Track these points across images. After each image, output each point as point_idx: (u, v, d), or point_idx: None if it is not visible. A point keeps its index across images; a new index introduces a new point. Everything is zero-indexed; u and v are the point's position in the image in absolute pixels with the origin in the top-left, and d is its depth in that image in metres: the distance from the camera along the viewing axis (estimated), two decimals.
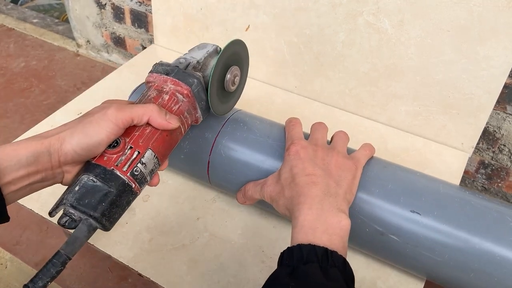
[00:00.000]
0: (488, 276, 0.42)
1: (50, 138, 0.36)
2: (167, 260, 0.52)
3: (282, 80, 0.78)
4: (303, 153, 0.44)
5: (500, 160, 0.85)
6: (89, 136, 0.36)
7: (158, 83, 0.44)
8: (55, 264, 0.34)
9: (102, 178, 0.37)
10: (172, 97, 0.43)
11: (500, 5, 0.56)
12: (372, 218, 0.45)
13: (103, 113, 0.37)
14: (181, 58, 0.47)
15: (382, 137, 0.69)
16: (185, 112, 0.44)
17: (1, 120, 1.24)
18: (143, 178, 0.40)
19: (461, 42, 0.60)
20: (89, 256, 0.94)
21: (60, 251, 0.35)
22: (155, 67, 0.46)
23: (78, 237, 0.35)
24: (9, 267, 0.92)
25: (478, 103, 0.63)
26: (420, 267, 0.46)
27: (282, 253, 0.37)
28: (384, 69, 0.67)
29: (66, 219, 0.36)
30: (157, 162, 0.41)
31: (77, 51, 1.48)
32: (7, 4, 1.74)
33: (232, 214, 0.57)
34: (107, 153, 0.38)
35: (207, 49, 0.48)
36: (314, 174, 0.41)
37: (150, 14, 1.13)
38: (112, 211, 0.37)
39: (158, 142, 0.41)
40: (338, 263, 0.35)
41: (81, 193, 0.36)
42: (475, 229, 0.42)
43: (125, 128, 0.38)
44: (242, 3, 0.74)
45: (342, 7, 0.66)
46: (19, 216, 1.02)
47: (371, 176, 0.46)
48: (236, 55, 0.50)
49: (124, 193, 0.38)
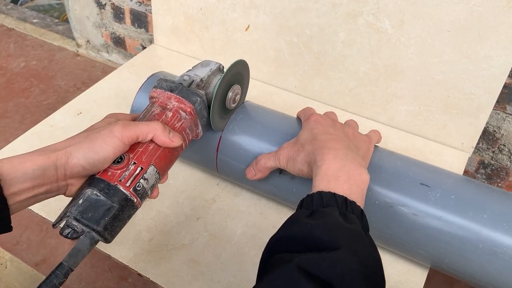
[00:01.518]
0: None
1: (58, 152, 0.37)
2: (167, 260, 0.52)
3: (282, 80, 0.78)
4: (323, 121, 0.47)
5: (500, 160, 0.85)
6: (95, 152, 0.37)
7: (162, 100, 0.45)
8: (58, 275, 0.35)
9: (105, 193, 0.38)
10: (176, 115, 0.44)
11: (500, 5, 0.56)
12: (382, 190, 0.46)
13: (110, 130, 0.38)
14: (185, 75, 0.48)
15: (382, 137, 0.69)
16: (187, 129, 0.46)
17: (1, 120, 1.24)
18: (145, 193, 0.41)
19: (461, 42, 0.60)
20: (89, 256, 0.93)
21: (63, 263, 0.36)
22: (159, 83, 0.46)
23: (81, 250, 0.36)
24: (9, 267, 0.92)
25: (478, 103, 0.63)
26: (427, 244, 0.46)
27: (302, 199, 0.38)
28: (384, 69, 0.67)
29: (69, 230, 0.37)
30: (158, 176, 0.42)
31: (77, 51, 1.48)
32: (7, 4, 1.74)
33: (232, 214, 0.57)
34: (111, 168, 0.39)
35: (211, 67, 0.50)
36: (335, 134, 0.44)
37: (150, 14, 1.13)
38: (114, 225, 0.38)
39: (161, 158, 0.42)
40: (356, 211, 0.36)
41: (85, 207, 0.37)
42: (480, 206, 0.44)
43: (130, 145, 0.40)
44: (242, 3, 0.74)
45: (342, 7, 0.66)
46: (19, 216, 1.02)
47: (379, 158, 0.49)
48: (238, 74, 0.51)
49: (126, 207, 0.39)
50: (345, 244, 0.32)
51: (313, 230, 0.33)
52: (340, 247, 0.32)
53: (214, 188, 0.61)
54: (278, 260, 0.33)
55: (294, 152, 0.45)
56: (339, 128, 0.47)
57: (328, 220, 0.34)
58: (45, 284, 0.34)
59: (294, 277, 0.29)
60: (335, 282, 0.30)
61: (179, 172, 0.62)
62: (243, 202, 0.59)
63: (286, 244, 0.34)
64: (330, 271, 0.30)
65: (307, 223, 0.34)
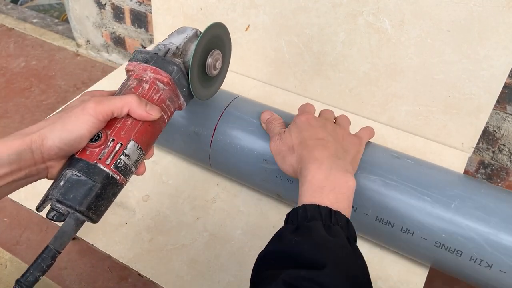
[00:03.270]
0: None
1: (32, 135, 0.36)
2: (167, 260, 0.52)
3: (282, 80, 0.78)
4: (313, 122, 0.46)
5: (500, 160, 0.85)
6: (69, 131, 0.36)
7: (137, 72, 0.43)
8: (45, 258, 0.35)
9: (85, 172, 0.37)
10: (153, 86, 0.43)
11: (500, 5, 0.56)
12: (379, 188, 0.47)
13: (82, 107, 0.37)
14: (160, 45, 0.46)
15: (382, 137, 0.69)
16: (167, 100, 0.44)
17: (1, 120, 1.24)
18: (128, 170, 0.39)
19: (461, 42, 0.60)
20: (89, 256, 0.94)
21: (49, 246, 0.35)
22: (135, 55, 0.45)
23: (66, 231, 0.36)
24: (9, 267, 0.92)
25: (478, 103, 0.63)
26: (427, 244, 0.46)
27: (288, 213, 0.38)
28: (384, 69, 0.67)
29: (54, 213, 0.37)
30: (141, 152, 0.41)
31: (77, 51, 1.48)
32: (7, 4, 1.74)
33: (232, 214, 0.57)
34: (89, 147, 0.38)
35: (187, 33, 0.47)
36: (324, 139, 0.43)
37: (150, 14, 1.13)
38: (98, 204, 0.37)
39: (141, 132, 0.40)
40: (341, 222, 0.36)
41: (66, 188, 0.36)
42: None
43: (105, 121, 0.38)
44: (242, 3, 0.74)
45: (342, 7, 0.66)
46: (19, 216, 1.02)
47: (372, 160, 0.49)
48: (218, 38, 0.48)
49: (108, 185, 0.38)
50: (330, 260, 0.32)
51: (298, 246, 0.34)
52: (326, 264, 0.32)
53: (214, 188, 0.61)
54: (266, 277, 0.33)
55: (284, 151, 0.45)
56: (330, 130, 0.46)
57: (312, 236, 0.34)
58: (32, 268, 0.34)
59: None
60: None
61: (179, 172, 0.62)
62: (243, 202, 0.59)
63: (273, 260, 0.35)
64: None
65: (291, 239, 0.34)
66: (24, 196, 0.56)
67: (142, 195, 0.59)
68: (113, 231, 0.54)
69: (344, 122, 0.50)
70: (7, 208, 1.04)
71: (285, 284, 0.30)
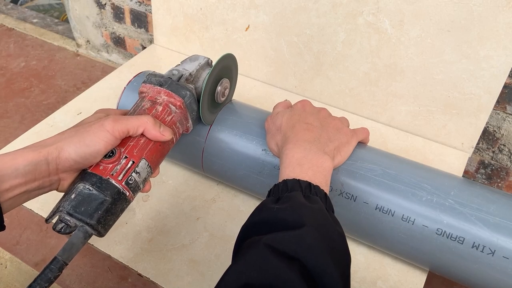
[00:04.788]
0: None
1: (49, 147, 0.37)
2: (167, 260, 0.52)
3: (282, 80, 0.78)
4: (308, 108, 0.49)
5: (500, 160, 0.85)
6: (87, 146, 0.38)
7: (151, 94, 0.45)
8: (53, 269, 0.35)
9: (98, 187, 0.38)
10: (166, 108, 0.45)
11: (500, 5, 0.56)
12: (375, 191, 0.47)
13: (101, 124, 0.39)
14: (174, 70, 0.48)
15: (382, 137, 0.69)
16: (177, 123, 0.46)
17: (1, 120, 1.24)
18: (137, 186, 0.41)
19: (461, 42, 0.60)
20: (89, 256, 0.94)
21: (57, 257, 0.36)
22: (149, 78, 0.47)
23: (75, 244, 0.37)
24: (9, 267, 0.92)
25: (478, 103, 0.63)
26: (424, 248, 0.46)
27: (270, 189, 0.40)
28: (384, 69, 0.67)
29: (62, 225, 0.37)
30: (150, 170, 0.43)
31: (77, 51, 1.48)
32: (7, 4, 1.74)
33: (232, 214, 0.57)
34: (103, 162, 0.39)
35: (199, 61, 0.50)
36: (311, 124, 0.46)
37: (150, 14, 1.13)
38: (107, 219, 0.38)
39: (152, 152, 0.42)
40: (320, 194, 0.38)
41: (78, 201, 0.37)
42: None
43: (121, 139, 0.40)
44: (242, 3, 0.74)
45: (342, 7, 0.66)
46: (19, 216, 1.02)
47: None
48: (227, 68, 0.52)
49: (119, 201, 0.39)
50: (309, 221, 0.34)
51: (279, 213, 0.35)
52: (304, 224, 0.34)
53: (214, 188, 0.61)
54: (248, 242, 0.34)
55: (273, 130, 0.48)
56: (322, 118, 0.48)
57: (293, 203, 0.36)
58: (40, 279, 0.35)
59: (263, 254, 0.31)
60: (301, 256, 0.31)
61: (179, 172, 0.62)
62: (243, 202, 0.59)
63: (256, 229, 0.36)
64: (295, 247, 0.32)
65: (273, 207, 0.36)
66: None
67: (142, 195, 0.59)
68: (113, 231, 0.54)
69: (344, 118, 0.52)
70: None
71: (265, 247, 0.32)
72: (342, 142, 0.47)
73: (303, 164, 0.41)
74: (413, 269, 0.52)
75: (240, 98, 0.60)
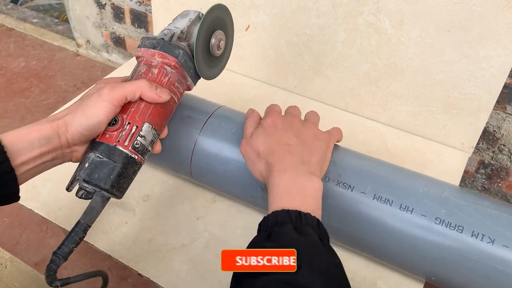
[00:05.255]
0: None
1: (58, 121, 0.39)
2: (167, 260, 0.52)
3: (282, 80, 0.78)
4: (280, 123, 0.45)
5: (500, 160, 0.85)
6: (89, 118, 0.39)
7: (146, 58, 0.46)
8: (77, 232, 0.39)
9: (107, 154, 0.40)
10: (161, 70, 0.45)
11: (500, 5, 0.56)
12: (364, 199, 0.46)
13: (98, 95, 0.40)
14: (165, 30, 0.48)
15: (382, 137, 0.69)
16: (176, 83, 0.46)
17: (1, 120, 1.24)
18: (145, 149, 0.43)
19: (461, 42, 0.60)
20: (89, 256, 0.94)
21: (81, 221, 0.40)
22: (143, 41, 0.47)
23: (94, 207, 0.40)
24: (9, 267, 0.92)
25: (478, 103, 0.63)
26: (418, 259, 0.45)
27: (260, 223, 0.39)
28: (384, 69, 0.67)
29: (82, 192, 0.41)
30: (155, 132, 0.44)
31: (77, 51, 1.48)
32: (7, 4, 1.74)
33: (232, 214, 0.57)
34: (108, 131, 0.41)
35: (190, 16, 0.49)
36: (289, 143, 0.43)
37: (150, 14, 1.13)
38: (120, 182, 0.41)
39: (154, 114, 0.43)
40: (311, 223, 0.37)
41: (91, 169, 0.40)
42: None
43: (120, 106, 0.41)
44: (242, 3, 0.74)
45: (342, 7, 0.66)
46: (19, 216, 1.02)
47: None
48: (220, 19, 0.50)
49: (128, 165, 0.41)
50: (304, 262, 0.32)
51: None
52: (300, 266, 0.32)
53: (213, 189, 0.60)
54: (244, 285, 0.34)
55: (252, 157, 0.45)
56: (296, 130, 0.45)
57: (284, 240, 0.35)
58: (67, 241, 0.39)
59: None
60: None
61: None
62: (243, 202, 0.59)
63: (249, 272, 0.35)
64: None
65: (264, 246, 0.35)
66: (24, 196, 0.56)
67: (142, 195, 0.59)
68: (113, 231, 0.54)
69: (313, 117, 0.49)
70: (7, 208, 1.03)
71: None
72: (323, 150, 0.45)
73: (290, 191, 0.39)
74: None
75: (240, 98, 0.60)
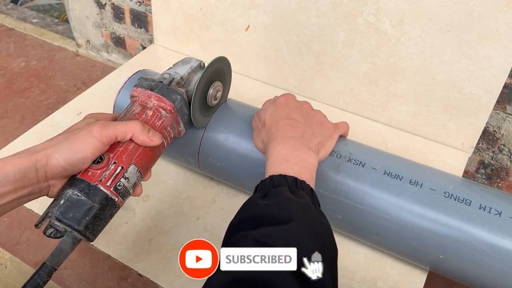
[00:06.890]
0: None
1: (37, 154, 0.37)
2: (167, 260, 0.52)
3: (282, 80, 0.78)
4: (291, 103, 0.49)
5: (500, 160, 0.85)
6: (74, 152, 0.38)
7: (142, 99, 0.45)
8: (41, 275, 0.36)
9: (86, 193, 0.38)
10: (156, 113, 0.45)
11: (500, 5, 0.56)
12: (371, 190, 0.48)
13: (88, 131, 0.39)
14: (165, 74, 0.48)
15: (382, 137, 0.69)
16: (168, 127, 0.46)
17: (1, 120, 1.24)
18: (126, 192, 0.41)
19: (461, 42, 0.60)
20: (89, 256, 0.94)
21: (46, 263, 0.36)
22: (140, 82, 0.47)
23: (63, 249, 0.37)
24: (9, 267, 0.92)
25: (478, 103, 0.63)
26: (423, 248, 0.46)
27: (257, 185, 0.40)
28: (384, 69, 0.67)
29: (52, 230, 0.37)
30: (140, 175, 0.42)
31: (77, 51, 1.48)
32: (7, 4, 1.74)
33: (232, 214, 0.57)
34: (91, 168, 0.39)
35: (191, 64, 0.50)
36: (295, 119, 0.46)
37: (150, 14, 1.13)
38: (95, 224, 0.38)
39: (141, 157, 0.42)
40: (306, 189, 0.39)
41: (66, 207, 0.37)
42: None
43: (109, 145, 0.40)
44: (242, 3, 0.74)
45: (342, 7, 0.66)
46: (19, 216, 1.02)
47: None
48: (220, 71, 0.51)
49: (107, 206, 0.39)
50: (296, 216, 0.34)
51: (267, 208, 0.36)
52: (292, 219, 0.34)
53: (214, 188, 0.61)
54: (236, 238, 0.35)
55: (258, 127, 0.48)
56: (305, 112, 0.48)
57: (280, 198, 0.36)
58: (29, 284, 0.35)
59: None
60: None
61: (179, 172, 0.62)
62: (243, 202, 0.59)
63: (243, 225, 0.36)
64: (283, 241, 0.32)
65: (260, 203, 0.36)
66: None
67: (142, 195, 0.59)
68: (113, 231, 0.54)
69: (322, 112, 0.52)
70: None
71: (253, 241, 0.32)
72: (325, 136, 0.47)
73: (289, 160, 0.41)
74: (413, 269, 0.52)
75: (240, 98, 0.60)
